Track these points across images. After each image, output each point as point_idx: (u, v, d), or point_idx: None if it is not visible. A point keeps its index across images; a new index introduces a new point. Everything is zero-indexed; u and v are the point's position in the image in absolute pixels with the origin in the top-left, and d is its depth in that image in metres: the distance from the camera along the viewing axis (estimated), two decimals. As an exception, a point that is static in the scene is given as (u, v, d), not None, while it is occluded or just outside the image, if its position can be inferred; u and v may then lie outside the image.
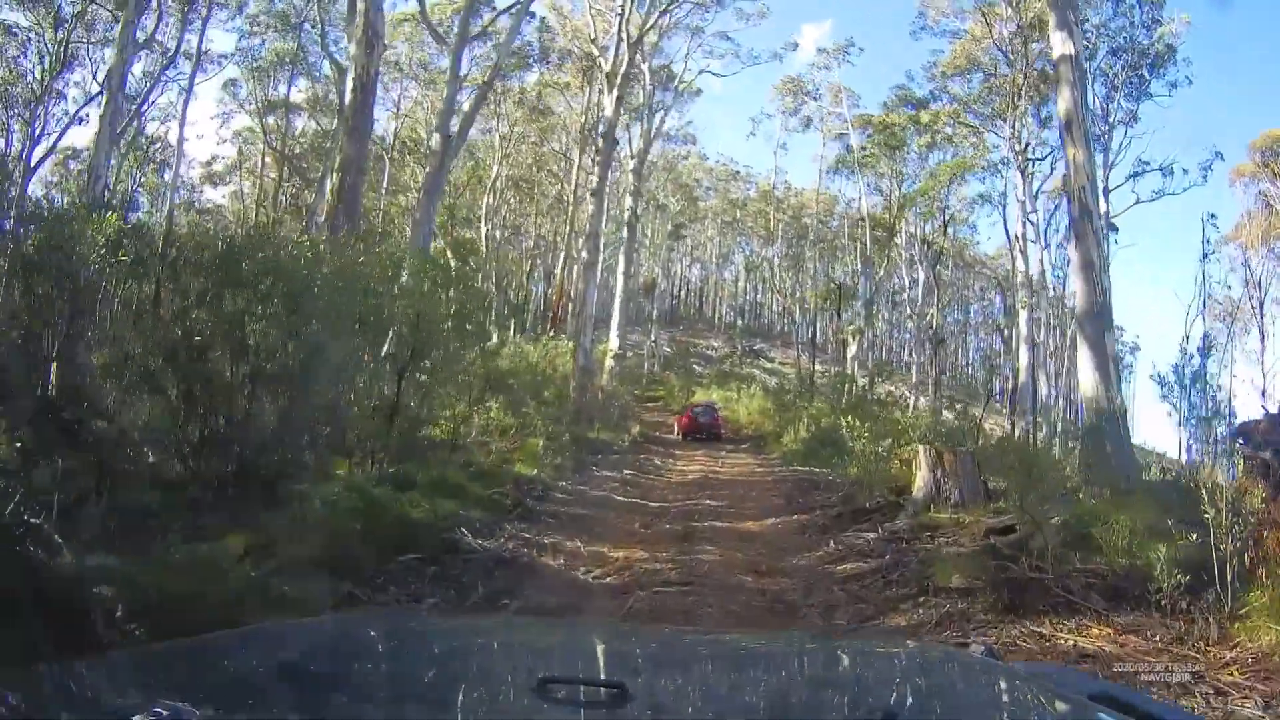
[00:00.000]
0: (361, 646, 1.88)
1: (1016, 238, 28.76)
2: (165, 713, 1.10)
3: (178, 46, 26.16)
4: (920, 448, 9.55)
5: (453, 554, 6.51)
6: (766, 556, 7.64)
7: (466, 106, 20.03)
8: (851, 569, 7.01)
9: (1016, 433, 24.61)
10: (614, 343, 31.66)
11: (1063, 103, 15.85)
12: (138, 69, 25.26)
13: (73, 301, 6.88)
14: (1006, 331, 35.72)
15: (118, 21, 22.23)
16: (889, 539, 7.94)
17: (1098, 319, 15.93)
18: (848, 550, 7.74)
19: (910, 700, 1.65)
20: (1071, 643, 5.01)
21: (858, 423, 13.23)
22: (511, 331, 38.73)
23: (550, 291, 44.82)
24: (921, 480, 9.21)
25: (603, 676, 1.65)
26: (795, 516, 10.23)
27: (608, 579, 6.50)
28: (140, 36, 23.32)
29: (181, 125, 28.13)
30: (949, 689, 1.77)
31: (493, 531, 7.68)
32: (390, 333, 8.80)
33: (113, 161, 25.30)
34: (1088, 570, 6.54)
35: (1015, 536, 7.88)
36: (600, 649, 2.07)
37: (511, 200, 44.34)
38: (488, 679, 1.67)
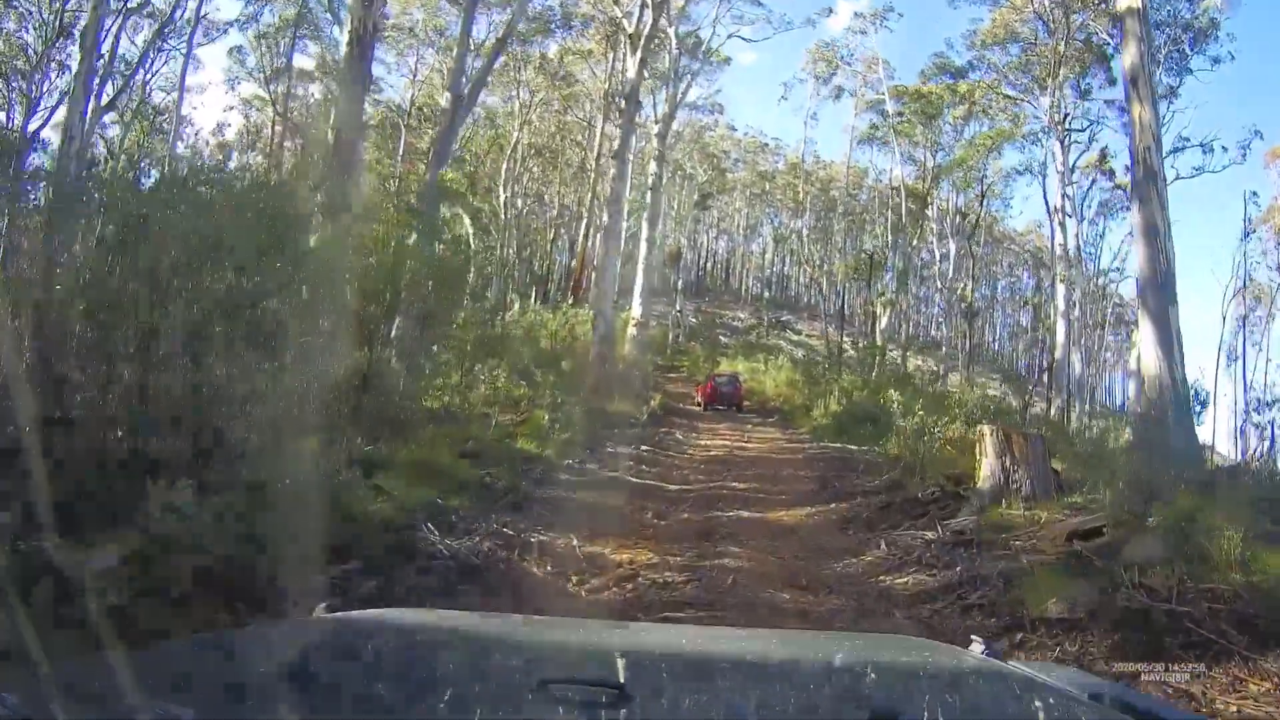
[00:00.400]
0: (361, 646, 1.86)
1: (1056, 209, 28.38)
2: (165, 713, 1.15)
3: (173, 11, 25.29)
4: (986, 429, 8.02)
5: (408, 560, 5.11)
6: (804, 561, 6.21)
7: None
8: (914, 583, 5.57)
9: (1052, 412, 23.43)
10: (637, 311, 30.41)
11: (1127, 58, 15.34)
12: (140, 39, 25.02)
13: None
14: (1042, 308, 34.61)
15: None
16: (954, 542, 6.47)
17: (1162, 290, 14.58)
18: (904, 555, 6.28)
19: (912, 700, 1.63)
20: (1235, 709, 3.62)
21: (902, 397, 11.73)
22: (533, 300, 38.16)
23: (573, 262, 43.80)
24: (988, 468, 7.71)
25: (603, 676, 1.50)
26: (834, 505, 8.77)
27: (604, 594, 5.12)
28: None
29: (181, 91, 28.16)
30: (951, 688, 1.75)
31: (473, 525, 6.29)
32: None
33: (114, 129, 24.69)
34: (1203, 590, 5.19)
35: (1104, 541, 6.50)
36: (601, 648, 2.03)
37: (534, 169, 43.32)
38: (487, 679, 1.65)
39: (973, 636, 3.84)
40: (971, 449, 9.45)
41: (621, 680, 1.40)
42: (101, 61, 23.48)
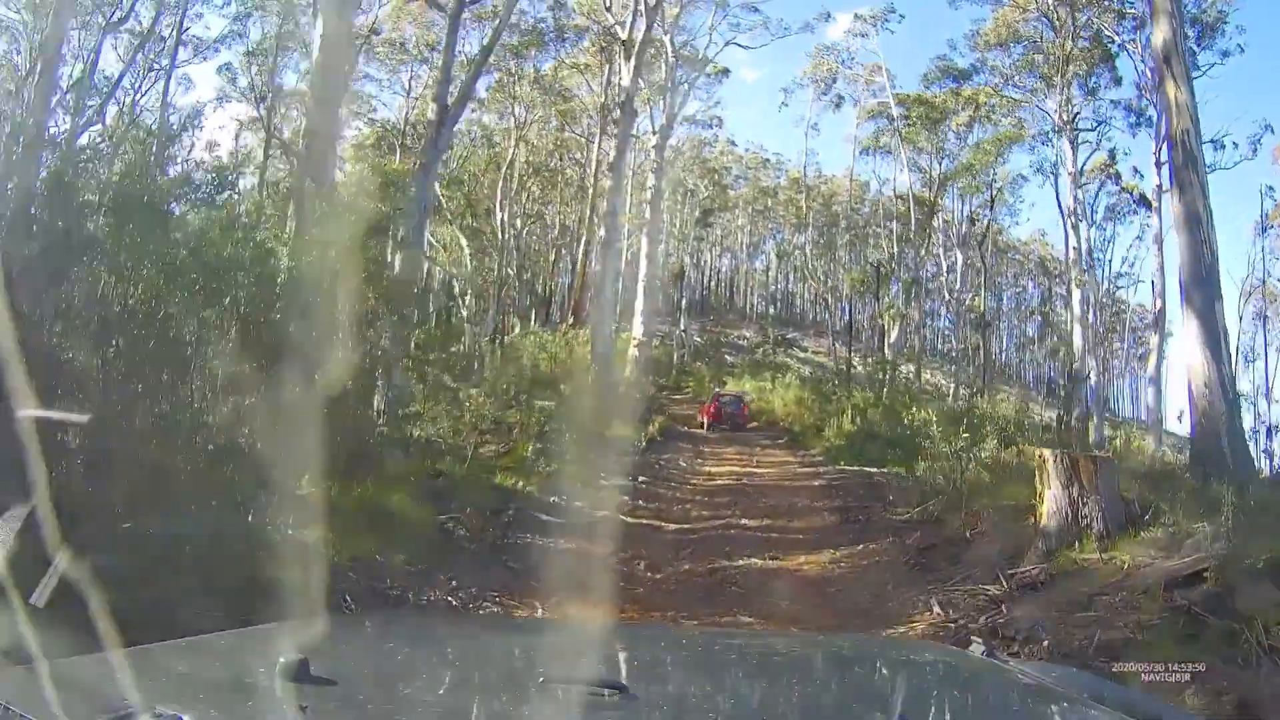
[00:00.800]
0: (362, 647, 1.85)
1: (1069, 211, 27.14)
2: (165, 713, 1.13)
3: (153, 24, 24.64)
4: (1047, 454, 6.62)
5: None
6: (838, 631, 4.85)
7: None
8: (989, 667, 4.22)
9: (1072, 423, 22.22)
10: (638, 331, 29.26)
11: (1159, 35, 14.28)
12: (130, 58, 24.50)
13: None
14: (1051, 317, 33.69)
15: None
16: (1026, 599, 5.10)
17: (1206, 285, 13.25)
18: (967, 619, 4.91)
19: (915, 701, 1.61)
20: None
21: (932, 415, 10.40)
22: (533, 321, 37.62)
23: (574, 282, 42.99)
24: (1053, 501, 6.33)
25: (605, 677, 1.47)
26: (863, 546, 7.40)
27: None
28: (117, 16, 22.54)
29: (164, 109, 27.18)
30: (954, 690, 1.74)
31: (410, 591, 4.97)
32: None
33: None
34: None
35: (1210, 590, 5.17)
36: (603, 649, 1.99)
37: (533, 188, 42.48)
38: (489, 679, 1.64)
39: (973, 638, 3.49)
40: (1013, 474, 8.20)
41: (624, 681, 1.38)
42: (84, 80, 22.89)
